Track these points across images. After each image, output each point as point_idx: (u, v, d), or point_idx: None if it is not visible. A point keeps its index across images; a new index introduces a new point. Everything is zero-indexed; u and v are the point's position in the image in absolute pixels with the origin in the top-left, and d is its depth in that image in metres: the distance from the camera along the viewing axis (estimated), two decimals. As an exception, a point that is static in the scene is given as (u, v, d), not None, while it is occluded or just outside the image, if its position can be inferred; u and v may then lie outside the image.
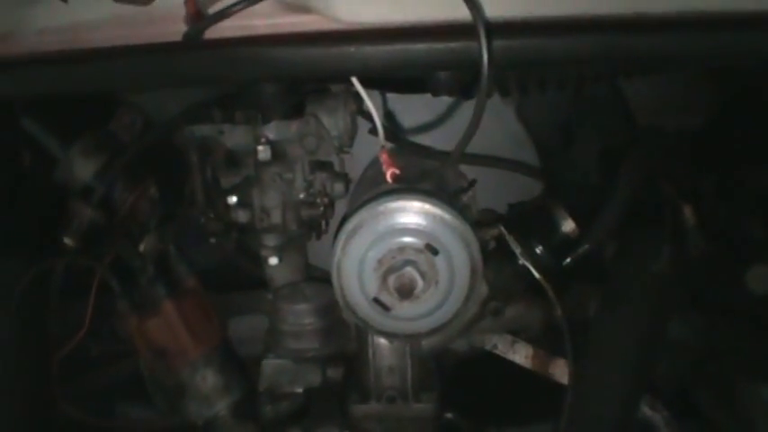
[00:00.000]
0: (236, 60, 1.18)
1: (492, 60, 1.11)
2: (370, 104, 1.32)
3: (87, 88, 1.30)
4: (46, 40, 1.22)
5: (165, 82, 1.32)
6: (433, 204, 1.40)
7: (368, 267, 1.42)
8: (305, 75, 1.23)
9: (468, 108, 1.71)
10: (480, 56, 1.11)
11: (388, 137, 1.41)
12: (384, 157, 1.32)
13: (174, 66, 1.21)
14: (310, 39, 1.17)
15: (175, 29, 1.19)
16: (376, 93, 1.68)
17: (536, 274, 1.55)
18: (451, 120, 1.80)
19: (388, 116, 1.80)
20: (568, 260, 1.59)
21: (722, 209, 1.69)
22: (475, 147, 1.36)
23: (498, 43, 1.13)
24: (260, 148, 1.53)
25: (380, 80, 1.61)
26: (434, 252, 1.41)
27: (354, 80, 1.28)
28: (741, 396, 1.74)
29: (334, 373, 1.68)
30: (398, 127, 1.81)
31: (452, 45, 1.15)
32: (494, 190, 1.73)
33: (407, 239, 1.41)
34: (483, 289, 1.60)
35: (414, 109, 1.81)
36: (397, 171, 1.30)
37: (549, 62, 1.24)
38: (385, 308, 1.45)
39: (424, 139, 1.77)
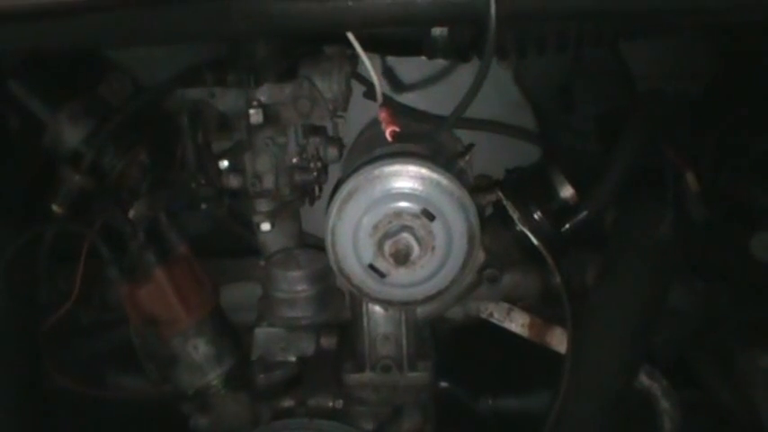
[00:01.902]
0: (228, 14, 1.14)
1: (500, 14, 1.07)
2: (366, 61, 1.29)
3: (72, 43, 1.26)
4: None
5: (154, 38, 1.28)
6: (430, 169, 1.37)
7: (363, 233, 1.40)
8: (300, 30, 1.19)
9: (462, 72, 1.70)
10: (488, 8, 1.07)
11: (383, 100, 1.37)
12: (383, 115, 1.29)
13: (163, 20, 1.17)
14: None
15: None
16: (371, 55, 1.65)
17: (534, 241, 1.53)
18: (446, 84, 1.77)
19: (383, 80, 1.77)
20: (567, 226, 1.57)
21: (724, 174, 1.67)
22: (471, 111, 1.33)
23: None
24: (252, 111, 1.50)
25: (375, 42, 1.58)
26: (431, 217, 1.38)
27: (350, 36, 1.24)
28: (739, 364, 1.73)
29: (328, 341, 1.66)
30: (392, 91, 1.78)
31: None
32: (491, 155, 1.71)
33: (403, 204, 1.38)
34: (480, 255, 1.58)
35: (408, 73, 1.78)
36: (397, 129, 1.27)
37: (558, 16, 1.20)
38: (380, 274, 1.42)
39: (418, 104, 1.74)
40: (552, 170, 1.62)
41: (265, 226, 1.59)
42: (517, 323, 1.68)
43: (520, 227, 1.55)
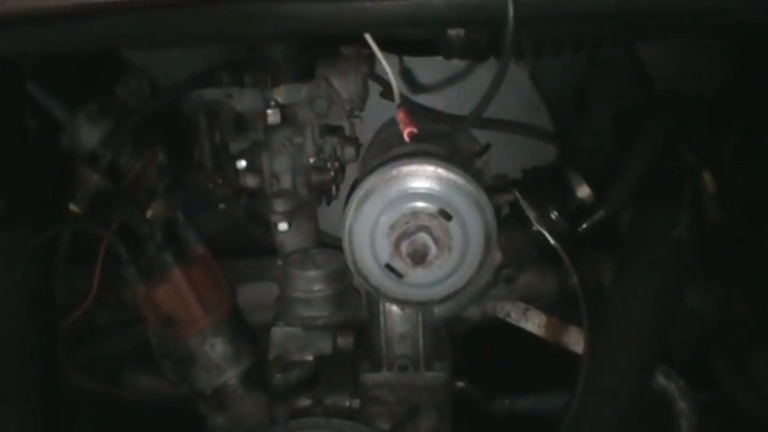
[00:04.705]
0: (247, 16, 1.15)
1: (518, 15, 1.07)
2: (384, 62, 1.29)
3: (91, 46, 1.26)
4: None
5: (173, 39, 1.28)
6: (447, 169, 1.37)
7: (380, 233, 1.40)
8: (319, 31, 1.19)
9: (479, 72, 1.70)
10: (506, 9, 1.07)
11: (400, 100, 1.37)
12: (401, 116, 1.28)
13: (183, 22, 1.17)
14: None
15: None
16: (388, 55, 1.65)
17: (551, 241, 1.53)
18: (463, 84, 1.77)
19: (400, 80, 1.77)
20: (584, 226, 1.57)
21: (741, 175, 1.67)
22: (488, 111, 1.33)
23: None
24: (269, 111, 1.51)
25: (392, 42, 1.58)
26: (448, 217, 1.38)
27: (368, 37, 1.25)
28: (756, 365, 1.73)
29: (345, 341, 1.66)
30: (409, 91, 1.78)
31: (474, -1, 1.11)
32: (507, 155, 1.71)
33: (420, 204, 1.38)
34: (497, 255, 1.59)
35: (425, 73, 1.78)
36: (415, 130, 1.27)
37: (576, 17, 1.19)
38: (397, 274, 1.42)
39: (434, 104, 1.74)
40: (569, 170, 1.62)
41: (283, 226, 1.60)
42: (534, 323, 1.68)
43: (537, 227, 1.56)
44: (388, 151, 1.49)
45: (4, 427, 1.56)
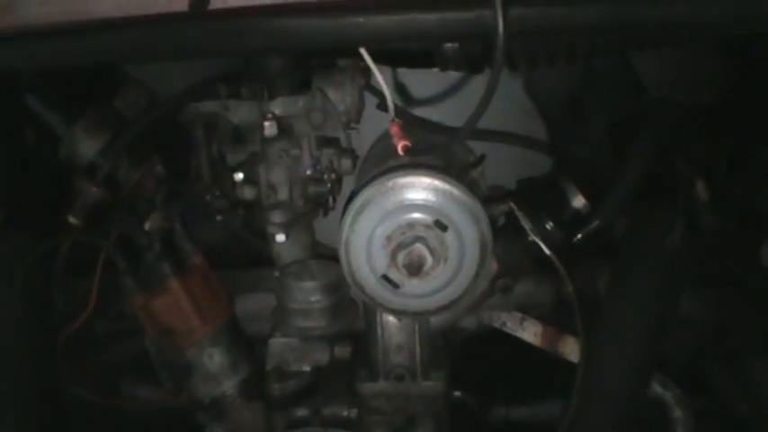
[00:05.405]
0: (243, 31, 1.16)
1: (508, 30, 1.08)
2: (378, 76, 1.30)
3: (89, 60, 1.28)
4: (47, 10, 1.19)
5: (170, 54, 1.30)
6: (442, 180, 1.38)
7: (376, 244, 1.40)
8: (313, 46, 1.20)
9: (475, 83, 1.71)
10: (495, 25, 1.08)
11: (396, 112, 1.38)
12: (395, 130, 1.30)
13: (179, 37, 1.19)
14: (319, 8, 1.15)
15: (181, -2, 1.17)
16: (384, 67, 1.66)
17: (546, 251, 1.53)
18: (459, 95, 1.78)
19: (396, 91, 1.78)
20: (579, 236, 1.58)
21: (735, 183, 1.67)
22: (483, 122, 1.33)
23: (513, 12, 1.10)
24: (266, 123, 1.51)
25: (388, 54, 1.59)
26: (443, 228, 1.39)
27: (363, 51, 1.26)
28: (753, 372, 1.73)
29: (342, 351, 1.66)
30: (406, 102, 1.79)
31: (465, 15, 1.12)
32: (503, 165, 1.72)
33: (416, 215, 1.39)
34: (492, 265, 1.59)
35: (421, 84, 1.79)
36: (408, 143, 1.28)
37: (566, 31, 1.21)
38: (394, 285, 1.43)
39: (431, 115, 1.75)
40: (564, 180, 1.63)
41: (280, 237, 1.60)
42: (530, 332, 1.68)
43: (532, 237, 1.56)
44: (385, 163, 1.49)
45: (3, 437, 1.57)
